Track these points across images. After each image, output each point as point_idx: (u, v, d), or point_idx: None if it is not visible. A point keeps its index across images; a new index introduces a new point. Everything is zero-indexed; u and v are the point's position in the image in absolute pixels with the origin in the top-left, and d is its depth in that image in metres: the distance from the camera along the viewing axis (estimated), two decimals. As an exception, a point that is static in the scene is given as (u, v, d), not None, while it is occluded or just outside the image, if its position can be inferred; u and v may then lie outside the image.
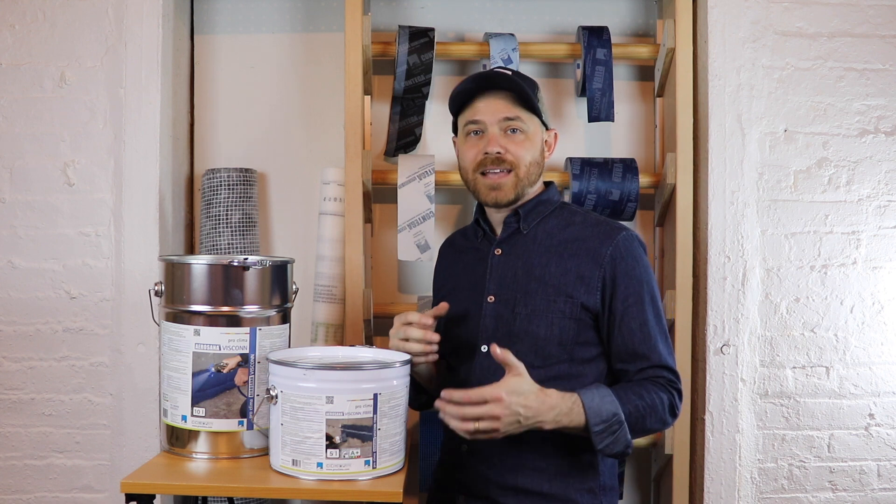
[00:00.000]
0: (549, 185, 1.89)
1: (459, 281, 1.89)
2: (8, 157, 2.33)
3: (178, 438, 1.78)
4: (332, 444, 1.58)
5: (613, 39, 2.37)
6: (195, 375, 1.75)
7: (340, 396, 1.58)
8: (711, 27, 2.33)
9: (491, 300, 1.80)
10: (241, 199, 2.38)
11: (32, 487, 2.33)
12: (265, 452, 1.73)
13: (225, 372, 1.75)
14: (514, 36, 2.36)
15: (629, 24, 2.53)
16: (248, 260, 1.79)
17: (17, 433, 2.33)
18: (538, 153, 1.81)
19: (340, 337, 2.33)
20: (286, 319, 1.87)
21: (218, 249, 2.36)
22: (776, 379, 2.36)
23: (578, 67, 2.44)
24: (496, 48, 2.32)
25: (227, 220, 2.37)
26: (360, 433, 1.59)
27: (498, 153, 1.76)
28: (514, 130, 1.77)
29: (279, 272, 1.85)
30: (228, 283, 1.77)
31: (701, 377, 2.35)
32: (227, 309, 1.77)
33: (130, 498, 1.61)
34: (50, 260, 2.32)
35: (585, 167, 2.35)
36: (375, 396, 1.60)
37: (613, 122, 2.38)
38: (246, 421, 1.76)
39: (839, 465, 2.37)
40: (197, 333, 1.75)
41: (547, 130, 1.84)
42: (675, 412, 1.73)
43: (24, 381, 2.33)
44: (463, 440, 1.78)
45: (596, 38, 2.36)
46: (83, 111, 2.32)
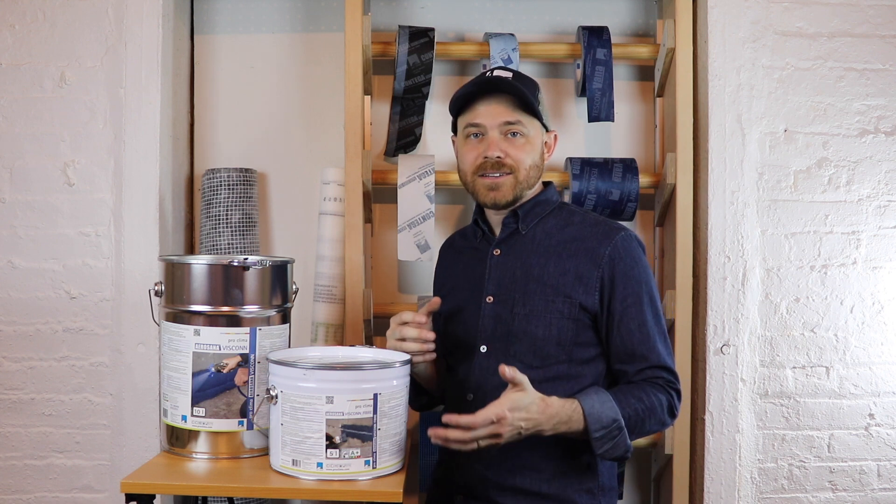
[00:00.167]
0: (547, 185, 1.89)
1: (459, 281, 1.89)
2: (8, 157, 2.33)
3: (178, 438, 1.78)
4: (332, 444, 1.58)
5: (613, 39, 2.37)
6: (195, 375, 1.75)
7: (340, 396, 1.58)
8: (711, 27, 2.33)
9: (490, 300, 1.80)
10: (241, 199, 2.38)
11: (32, 487, 2.33)
12: (265, 452, 1.73)
13: (225, 372, 1.75)
14: (514, 36, 2.36)
15: (629, 24, 2.53)
16: (248, 260, 1.79)
17: (17, 433, 2.33)
18: (538, 156, 1.81)
19: (340, 337, 2.33)
20: (286, 319, 1.87)
21: (218, 249, 2.36)
22: (776, 379, 2.36)
23: (578, 67, 2.44)
24: (496, 48, 2.32)
25: (227, 220, 2.37)
26: (360, 433, 1.59)
27: (498, 157, 1.76)
28: (514, 134, 1.77)
29: (279, 272, 1.85)
30: (228, 283, 1.77)
31: (701, 377, 2.35)
32: (227, 309, 1.77)
33: (130, 498, 1.61)
34: (50, 260, 2.32)
35: (585, 167, 2.35)
36: (375, 396, 1.60)
37: (613, 122, 2.38)
38: (246, 421, 1.76)
39: (839, 465, 2.37)
40: (197, 333, 1.75)
41: (547, 132, 1.84)
42: (674, 413, 1.74)
43: (24, 381, 2.33)
44: None
45: (596, 38, 2.36)
46: (83, 111, 2.32)
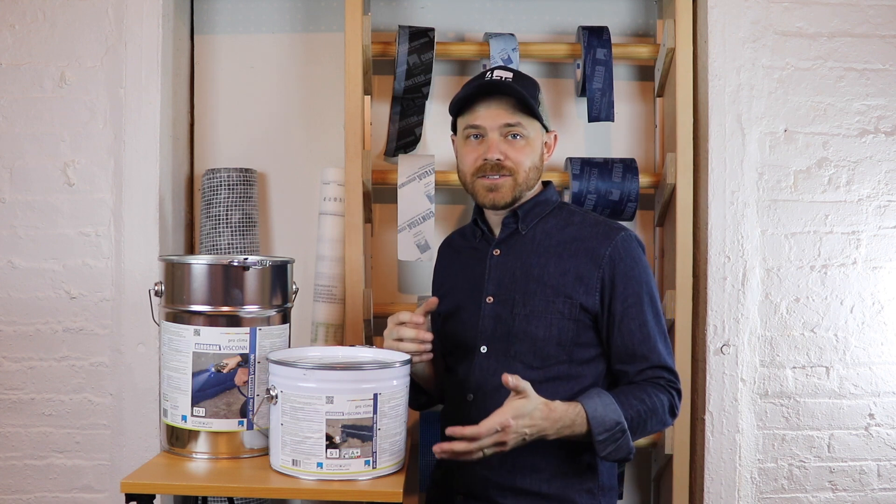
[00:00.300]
0: (547, 185, 1.89)
1: (458, 281, 1.89)
2: (8, 157, 2.33)
3: (178, 438, 1.78)
4: (332, 444, 1.58)
5: (613, 39, 2.37)
6: (195, 375, 1.75)
7: (340, 396, 1.58)
8: (711, 27, 2.33)
9: (490, 301, 1.80)
10: (241, 199, 2.38)
11: (32, 487, 2.33)
12: (265, 452, 1.73)
13: (225, 372, 1.75)
14: (514, 36, 2.36)
15: (629, 24, 2.53)
16: (248, 260, 1.79)
17: (17, 433, 2.33)
18: (537, 158, 1.80)
19: (340, 337, 2.33)
20: (286, 319, 1.87)
21: (218, 249, 2.36)
22: (776, 379, 2.36)
23: (578, 67, 2.44)
24: (496, 48, 2.32)
25: (227, 220, 2.37)
26: (360, 433, 1.59)
27: (498, 159, 1.76)
28: (514, 136, 1.77)
29: (279, 272, 1.85)
30: (228, 283, 1.77)
31: (701, 377, 2.35)
32: (227, 309, 1.77)
33: (130, 498, 1.61)
34: (50, 260, 2.32)
35: (585, 167, 2.35)
36: (375, 396, 1.60)
37: (613, 122, 2.38)
38: (246, 421, 1.76)
39: (839, 465, 2.37)
40: (197, 333, 1.75)
41: (547, 132, 1.84)
42: (674, 413, 1.74)
43: (24, 381, 2.33)
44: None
45: (596, 38, 2.36)
46: (83, 111, 2.32)
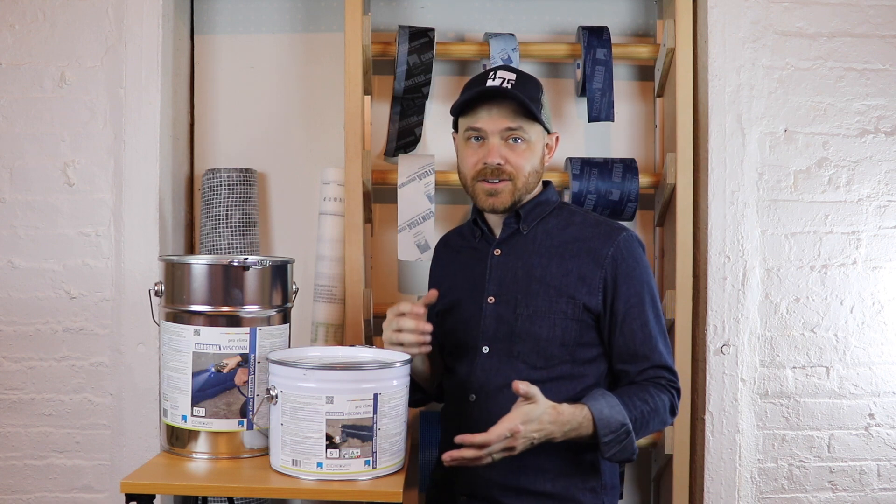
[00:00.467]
0: (547, 185, 1.89)
1: (457, 281, 1.89)
2: (8, 157, 2.33)
3: (178, 438, 1.78)
4: (332, 444, 1.58)
5: (613, 39, 2.37)
6: (195, 375, 1.75)
7: (340, 396, 1.58)
8: (711, 27, 2.33)
9: (491, 301, 1.80)
10: (241, 199, 2.38)
11: (32, 487, 2.33)
12: (265, 452, 1.73)
13: (225, 372, 1.75)
14: (514, 36, 2.36)
15: (629, 24, 2.53)
16: (248, 260, 1.79)
17: (17, 433, 2.33)
18: (538, 161, 1.80)
19: (340, 337, 2.33)
20: (286, 319, 1.87)
21: (218, 249, 2.36)
22: (776, 379, 2.36)
23: (578, 67, 2.44)
24: (496, 48, 2.32)
25: (227, 220, 2.37)
26: (360, 433, 1.59)
27: (498, 164, 1.76)
28: (515, 139, 1.76)
29: (279, 272, 1.85)
30: (228, 283, 1.77)
31: (701, 377, 2.35)
32: (227, 309, 1.77)
33: (130, 498, 1.61)
34: (50, 260, 2.32)
35: (585, 167, 2.34)
36: (375, 396, 1.60)
37: (613, 122, 2.38)
38: (246, 421, 1.76)
39: (839, 465, 2.37)
40: (197, 333, 1.75)
41: (549, 134, 1.84)
42: (674, 412, 1.75)
43: (24, 381, 2.33)
44: None
45: (596, 38, 2.36)
46: (83, 111, 2.32)
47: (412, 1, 2.51)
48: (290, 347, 1.88)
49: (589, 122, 2.36)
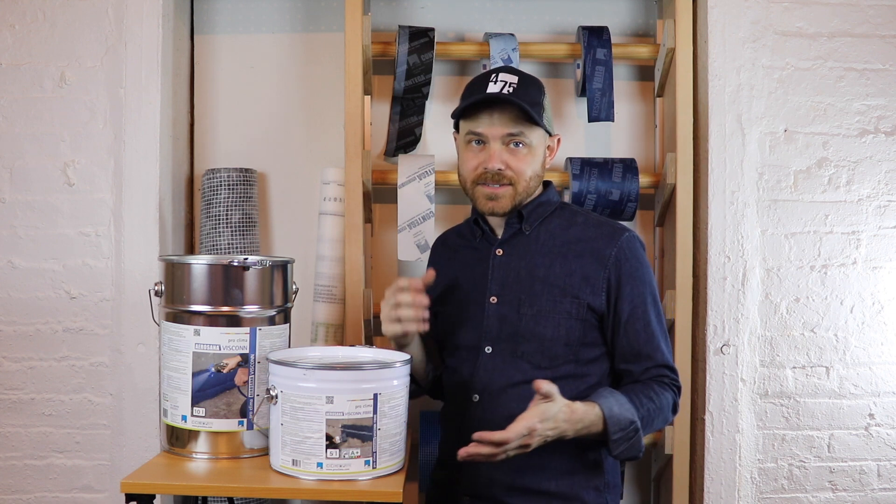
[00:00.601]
0: (548, 185, 1.88)
1: (457, 281, 1.89)
2: (8, 157, 2.33)
3: (178, 438, 1.78)
4: (332, 444, 1.58)
5: (613, 39, 2.37)
6: (195, 375, 1.75)
7: (340, 396, 1.58)
8: (711, 27, 2.33)
9: (493, 301, 1.80)
10: (241, 199, 2.38)
11: (32, 487, 2.33)
12: (265, 452, 1.73)
13: (225, 372, 1.75)
14: (514, 36, 2.36)
15: (629, 24, 2.53)
16: (248, 260, 1.79)
17: (17, 433, 2.33)
18: (539, 165, 1.80)
19: (340, 337, 2.33)
20: (286, 319, 1.87)
21: (218, 249, 2.36)
22: (776, 379, 2.36)
23: (578, 67, 2.44)
24: (496, 48, 2.32)
25: (227, 220, 2.37)
26: (360, 433, 1.59)
27: (499, 169, 1.75)
28: (516, 144, 1.76)
29: (279, 272, 1.85)
30: (228, 283, 1.77)
31: (701, 377, 2.35)
32: (227, 309, 1.77)
33: (130, 498, 1.61)
34: (50, 260, 2.32)
35: (585, 167, 2.34)
36: (375, 396, 1.60)
37: (613, 122, 2.38)
38: (246, 421, 1.76)
39: (839, 465, 2.37)
40: (197, 333, 1.75)
41: (550, 136, 1.84)
42: (676, 409, 1.78)
43: (24, 381, 2.33)
44: (468, 442, 1.78)
45: (596, 38, 2.36)
46: (83, 111, 2.32)
47: (412, 1, 2.51)
48: (290, 347, 1.88)
49: (589, 122, 2.36)
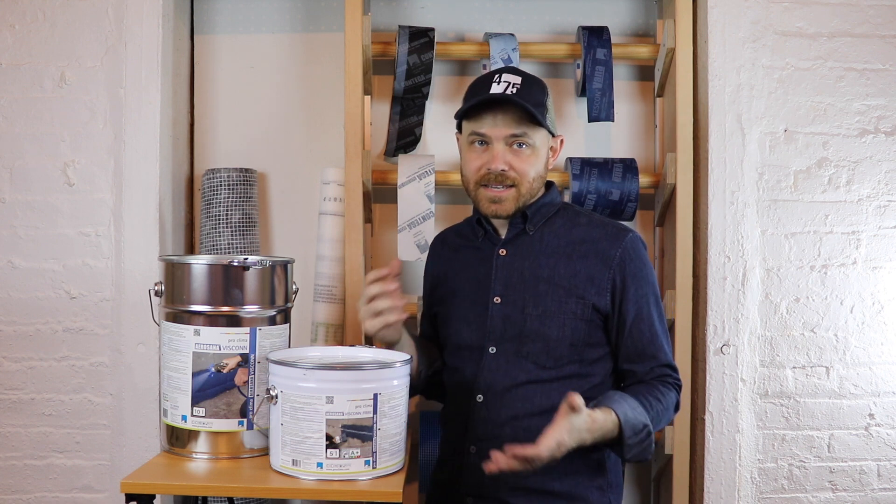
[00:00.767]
0: (550, 185, 1.88)
1: (458, 281, 1.89)
2: (8, 157, 2.32)
3: (178, 438, 1.78)
4: (332, 444, 1.58)
5: (613, 39, 2.37)
6: (195, 375, 1.75)
7: (340, 396, 1.58)
8: (711, 27, 2.33)
9: (497, 301, 1.80)
10: (241, 199, 2.38)
11: (32, 487, 2.33)
12: (265, 452, 1.73)
13: (225, 372, 1.75)
14: (514, 36, 2.36)
15: (629, 24, 2.53)
16: (248, 260, 1.79)
17: (17, 433, 2.33)
18: (542, 166, 1.80)
19: (340, 337, 2.33)
20: (286, 319, 1.87)
21: (218, 249, 2.36)
22: (776, 379, 2.36)
23: (578, 67, 2.44)
24: (496, 48, 2.32)
25: (227, 220, 2.37)
26: (360, 433, 1.59)
27: (502, 170, 1.75)
28: (520, 145, 1.76)
29: (279, 272, 1.85)
30: (228, 283, 1.77)
31: (701, 377, 2.35)
32: (227, 309, 1.77)
33: (130, 498, 1.61)
34: (50, 260, 2.32)
35: (585, 167, 2.34)
36: (375, 396, 1.60)
37: (613, 122, 2.38)
38: (246, 421, 1.76)
39: (839, 465, 2.37)
40: (197, 333, 1.75)
41: (553, 137, 1.83)
42: (678, 408, 1.79)
43: (24, 381, 2.33)
44: (471, 442, 1.78)
45: (596, 38, 2.36)
46: (83, 111, 2.32)
47: (412, 1, 2.51)
48: (290, 347, 1.88)
49: (589, 122, 2.36)
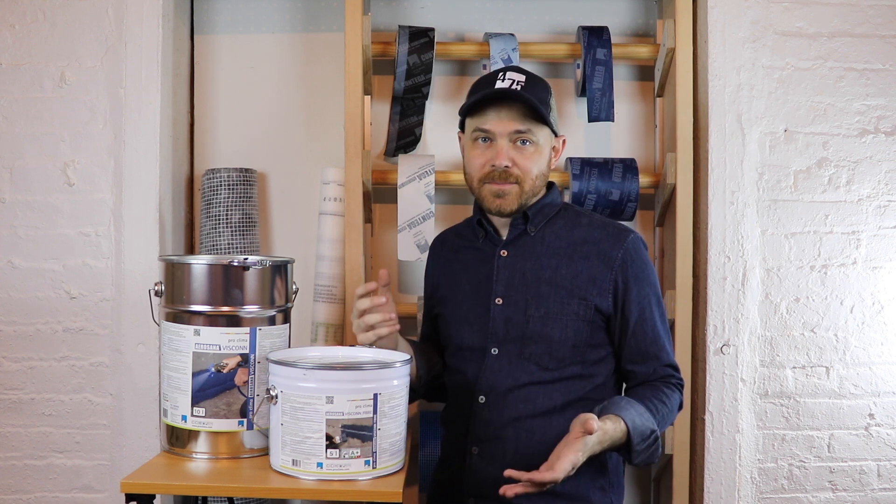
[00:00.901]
0: (551, 186, 1.88)
1: (459, 282, 1.88)
2: (8, 157, 2.33)
3: (178, 438, 1.78)
4: (332, 444, 1.58)
5: (613, 39, 2.37)
6: (195, 375, 1.75)
7: (340, 396, 1.58)
8: (711, 27, 2.33)
9: (499, 302, 1.79)
10: (241, 199, 2.38)
11: (32, 487, 2.33)
12: (265, 452, 1.73)
13: (225, 372, 1.75)
14: (514, 36, 2.36)
15: (629, 24, 2.53)
16: (248, 260, 1.79)
17: (17, 433, 2.33)
18: (545, 164, 1.80)
19: (340, 337, 2.33)
20: (286, 319, 1.87)
21: (218, 249, 2.36)
22: (776, 379, 2.36)
23: (578, 67, 2.44)
24: (496, 48, 2.32)
25: (227, 220, 2.37)
26: (360, 433, 1.59)
27: (506, 166, 1.75)
28: (523, 142, 1.75)
29: (279, 272, 1.85)
30: (228, 283, 1.77)
31: (701, 377, 2.35)
32: (227, 309, 1.77)
33: (130, 498, 1.61)
34: (50, 260, 2.32)
35: (585, 167, 2.34)
36: (375, 396, 1.60)
37: (613, 122, 2.38)
38: (246, 421, 1.76)
39: (839, 465, 2.37)
40: (197, 333, 1.75)
41: (556, 137, 1.83)
42: (681, 407, 1.80)
43: (24, 381, 2.33)
44: (473, 443, 1.78)
45: (596, 38, 2.36)
46: (83, 111, 2.32)
47: (412, 1, 2.51)
48: (290, 347, 1.88)
49: (589, 122, 2.36)
